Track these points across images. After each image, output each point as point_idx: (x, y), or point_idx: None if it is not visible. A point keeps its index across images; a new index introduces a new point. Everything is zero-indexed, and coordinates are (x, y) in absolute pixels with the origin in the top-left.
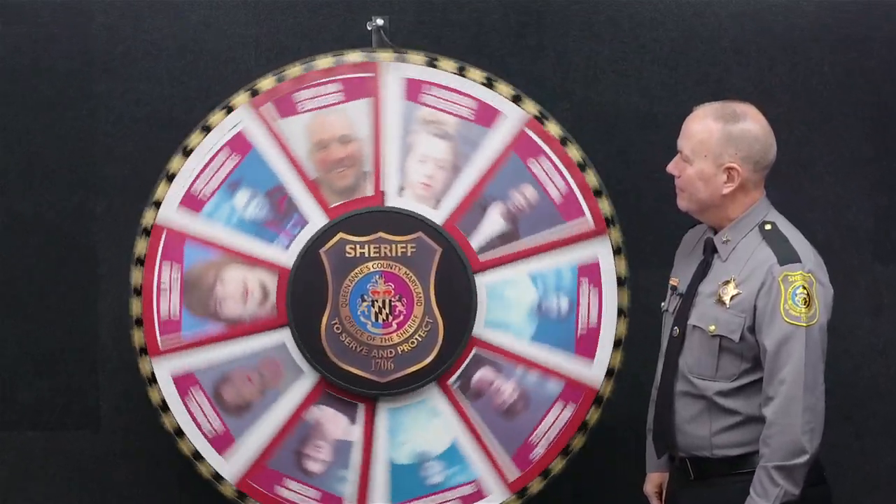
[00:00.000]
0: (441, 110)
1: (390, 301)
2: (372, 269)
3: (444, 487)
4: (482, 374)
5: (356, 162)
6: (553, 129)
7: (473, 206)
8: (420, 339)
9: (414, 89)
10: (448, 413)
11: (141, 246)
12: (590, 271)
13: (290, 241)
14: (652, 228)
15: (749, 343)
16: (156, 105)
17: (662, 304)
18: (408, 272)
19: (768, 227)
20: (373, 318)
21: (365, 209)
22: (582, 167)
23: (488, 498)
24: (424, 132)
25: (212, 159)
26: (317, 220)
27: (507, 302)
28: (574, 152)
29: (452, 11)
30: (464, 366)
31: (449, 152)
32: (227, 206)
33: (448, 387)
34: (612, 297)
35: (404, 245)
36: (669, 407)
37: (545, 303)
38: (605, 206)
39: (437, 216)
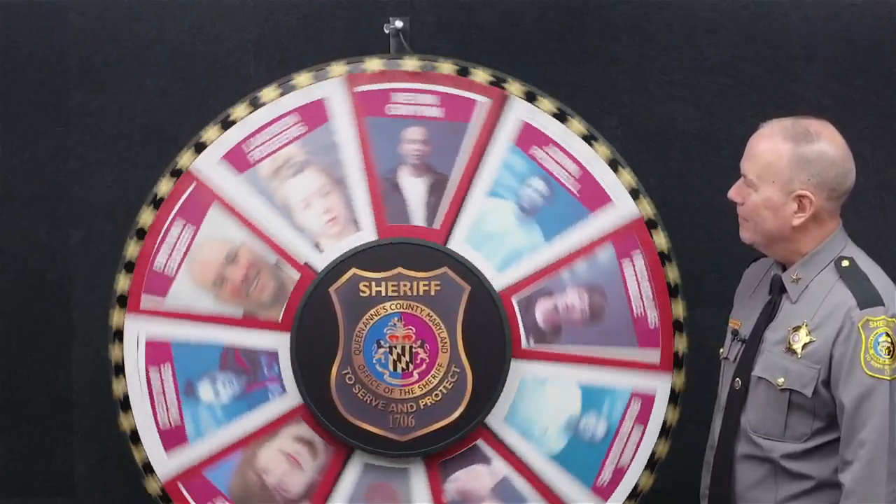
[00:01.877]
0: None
1: (411, 347)
2: (390, 311)
3: None
4: (541, 308)
5: (259, 263)
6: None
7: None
8: (445, 391)
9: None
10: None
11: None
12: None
13: (279, 384)
14: (711, 261)
15: (823, 399)
16: (140, 120)
17: (721, 350)
18: (431, 314)
19: (846, 263)
20: (390, 367)
21: (384, 240)
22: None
23: None
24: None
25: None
26: (278, 342)
27: (495, 235)
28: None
29: (482, 12)
30: (521, 327)
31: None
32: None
33: (526, 351)
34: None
35: (427, 283)
36: (729, 471)
37: (523, 200)
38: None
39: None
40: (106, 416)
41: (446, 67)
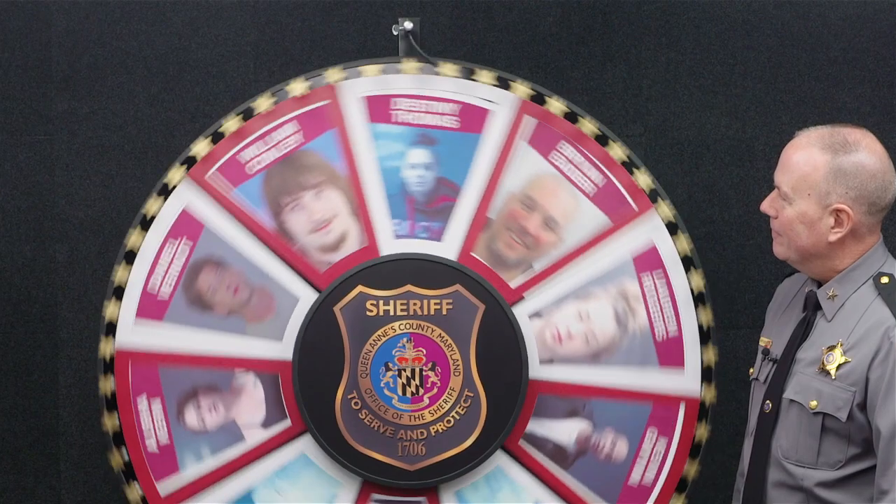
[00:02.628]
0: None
1: (421, 370)
2: (399, 331)
3: None
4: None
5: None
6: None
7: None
8: (458, 417)
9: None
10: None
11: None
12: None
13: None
14: (742, 278)
15: (859, 423)
16: (129, 130)
17: (751, 370)
18: (443, 335)
19: (885, 280)
20: (399, 392)
21: (392, 256)
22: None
23: None
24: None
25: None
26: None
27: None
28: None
29: (499, 12)
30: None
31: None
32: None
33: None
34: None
35: (438, 301)
36: (760, 500)
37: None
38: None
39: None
40: (94, 444)
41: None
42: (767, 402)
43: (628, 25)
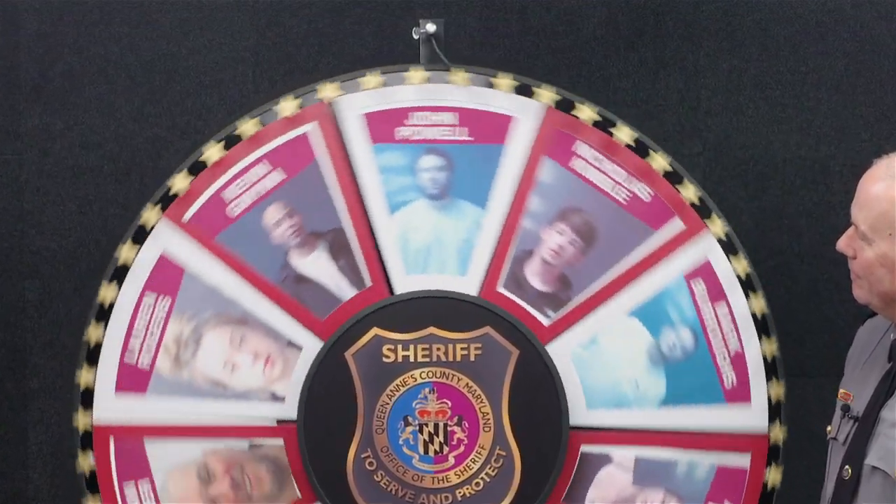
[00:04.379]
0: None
1: (446, 425)
2: (420, 380)
3: None
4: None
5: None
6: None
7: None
8: (488, 479)
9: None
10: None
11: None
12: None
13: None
14: (817, 320)
15: None
16: (110, 147)
17: (829, 427)
18: (470, 384)
19: None
20: (421, 450)
21: (409, 295)
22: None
23: None
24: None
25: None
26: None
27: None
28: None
29: (535, 13)
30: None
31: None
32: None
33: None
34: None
35: (465, 346)
36: None
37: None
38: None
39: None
40: None
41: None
42: (847, 467)
43: (684, 28)
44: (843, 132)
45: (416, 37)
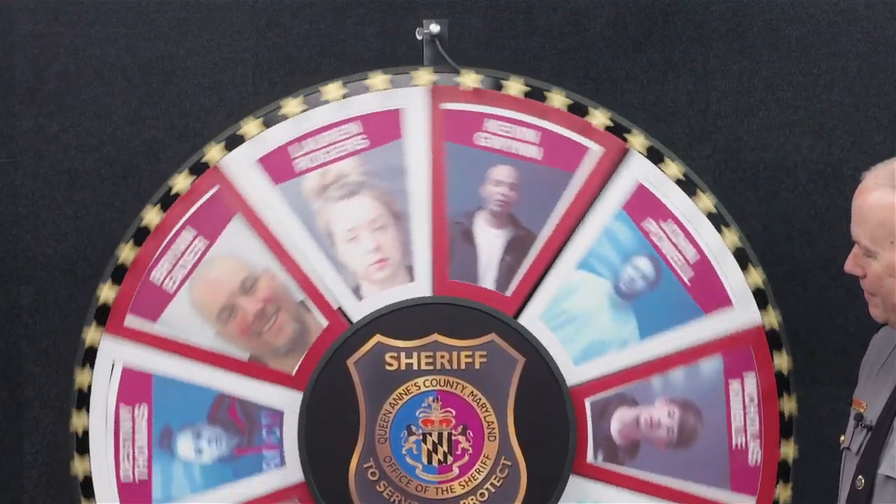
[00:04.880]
0: None
1: (450, 434)
2: (423, 389)
3: None
4: (619, 418)
5: (280, 299)
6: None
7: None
8: (493, 490)
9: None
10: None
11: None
12: (642, 206)
13: (278, 452)
14: (831, 328)
15: None
16: (107, 150)
17: (842, 437)
18: (475, 392)
19: None
20: (424, 460)
21: (413, 301)
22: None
23: None
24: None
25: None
26: (287, 401)
27: (578, 316)
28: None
29: (541, 13)
30: (590, 436)
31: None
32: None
33: (591, 467)
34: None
35: (470, 353)
36: None
37: (621, 281)
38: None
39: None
40: None
41: (557, 99)
42: (860, 477)
43: (694, 29)
44: (857, 135)
45: (419, 37)
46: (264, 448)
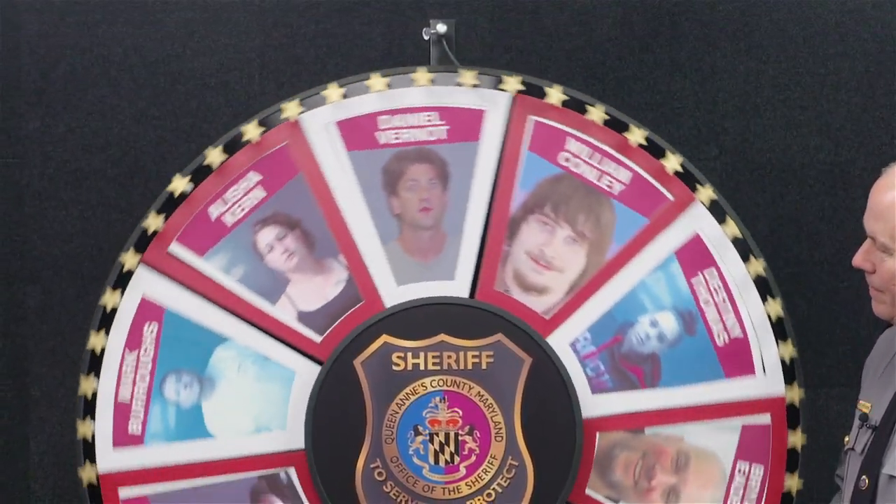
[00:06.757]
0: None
1: (457, 435)
2: (430, 389)
3: None
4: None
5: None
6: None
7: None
8: (500, 490)
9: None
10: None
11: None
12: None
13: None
14: (836, 329)
15: None
16: (113, 151)
17: (846, 437)
18: (482, 393)
19: None
20: (431, 460)
21: (422, 301)
22: None
23: None
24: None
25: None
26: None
27: None
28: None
29: (547, 13)
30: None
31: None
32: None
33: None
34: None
35: (477, 353)
36: None
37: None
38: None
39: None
40: None
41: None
42: (864, 477)
43: (700, 29)
44: (864, 135)
45: (426, 38)
46: None
